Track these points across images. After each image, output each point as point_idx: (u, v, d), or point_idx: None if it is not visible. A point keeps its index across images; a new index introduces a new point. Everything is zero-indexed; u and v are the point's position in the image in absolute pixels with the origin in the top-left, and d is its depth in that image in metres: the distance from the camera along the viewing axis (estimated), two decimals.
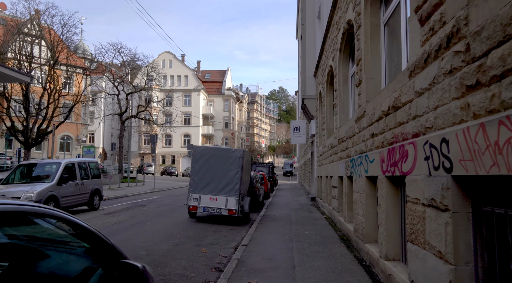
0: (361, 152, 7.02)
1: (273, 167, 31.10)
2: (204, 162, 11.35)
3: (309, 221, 11.44)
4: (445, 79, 3.21)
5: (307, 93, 18.63)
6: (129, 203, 16.16)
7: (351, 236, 7.99)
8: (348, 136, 8.55)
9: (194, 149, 11.55)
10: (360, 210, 6.89)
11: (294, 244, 7.99)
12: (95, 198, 13.48)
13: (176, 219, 11.70)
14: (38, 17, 27.69)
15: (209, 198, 11.20)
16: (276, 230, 9.89)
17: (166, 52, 63.92)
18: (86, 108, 45.10)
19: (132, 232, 9.29)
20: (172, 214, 12.99)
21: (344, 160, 9.07)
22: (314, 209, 14.97)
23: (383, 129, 5.40)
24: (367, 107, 6.60)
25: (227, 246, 8.19)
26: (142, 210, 13.87)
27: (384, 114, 5.32)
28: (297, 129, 24.65)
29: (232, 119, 70.21)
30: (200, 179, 11.31)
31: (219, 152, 11.42)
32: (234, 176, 11.15)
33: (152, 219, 11.63)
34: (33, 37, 26.97)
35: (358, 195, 7.15)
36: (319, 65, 16.12)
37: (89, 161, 13.75)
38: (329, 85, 13.56)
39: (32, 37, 27.00)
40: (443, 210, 3.13)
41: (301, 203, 17.82)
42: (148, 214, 12.64)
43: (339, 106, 10.35)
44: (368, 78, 6.73)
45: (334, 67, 11.13)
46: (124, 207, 14.55)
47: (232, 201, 11.06)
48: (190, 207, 11.27)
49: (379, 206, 5.49)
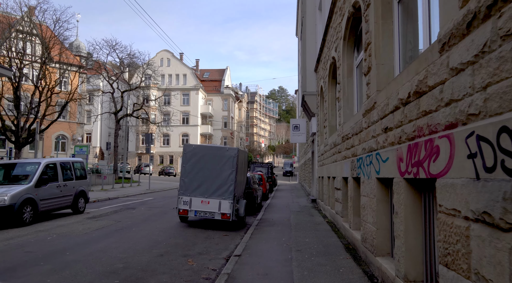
0: (370, 150, 6.09)
1: (272, 167, 30.15)
2: (196, 161, 10.42)
3: (310, 226, 10.51)
4: (505, 44, 2.28)
5: (307, 89, 17.69)
6: (118, 206, 15.23)
7: (358, 246, 7.05)
8: (354, 132, 7.63)
9: (185, 148, 10.61)
10: (370, 217, 5.96)
11: (293, 254, 7.06)
12: (79, 201, 12.54)
13: (165, 224, 10.77)
14: (32, 14, 26.79)
15: (200, 201, 10.27)
16: (274, 236, 8.96)
17: (164, 50, 62.94)
18: (82, 107, 44.20)
19: (113, 239, 8.35)
20: (162, 218, 12.05)
21: (349, 159, 8.14)
22: (315, 212, 14.04)
23: (400, 122, 4.47)
24: (378, 97, 5.67)
25: (218, 256, 7.26)
26: (130, 213, 12.93)
27: (401, 103, 4.39)
28: (297, 127, 23.71)
29: (231, 118, 69.24)
30: (191, 180, 10.38)
31: (212, 151, 10.49)
32: (228, 177, 10.22)
33: (139, 224, 10.69)
34: (24, 34, 26.02)
35: (367, 199, 6.22)
36: (320, 59, 15.19)
37: (74, 160, 12.80)
38: (331, 79, 12.62)
39: (23, 34, 26.04)
40: (505, 230, 2.19)
41: (301, 205, 16.89)
42: (136, 218, 11.71)
43: (343, 100, 9.43)
44: (379, 64, 5.80)
45: (337, 58, 10.21)
46: (112, 210, 13.61)
47: (225, 204, 10.13)
48: (180, 211, 10.34)
49: (395, 215, 4.56)
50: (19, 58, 25.02)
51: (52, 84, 27.54)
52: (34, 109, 26.80)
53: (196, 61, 70.72)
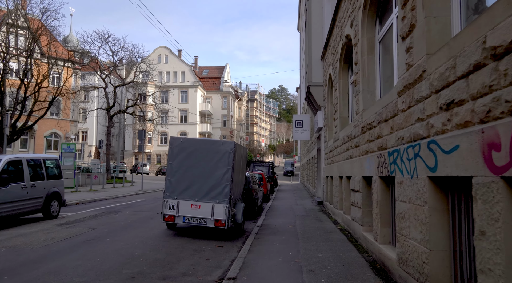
0: (414, 138, 4.40)
1: (273, 167, 28.44)
2: (184, 158, 8.73)
3: (320, 235, 8.82)
4: None
5: (313, 80, 16.00)
6: (101, 209, 13.53)
7: (391, 267, 5.35)
8: (382, 119, 5.94)
9: (171, 141, 8.91)
10: (415, 231, 4.27)
11: (305, 278, 5.36)
12: (52, 204, 10.84)
13: (148, 232, 9.07)
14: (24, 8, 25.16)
15: (190, 205, 8.58)
16: (278, 249, 7.27)
17: (162, 46, 61.23)
18: (76, 104, 42.53)
19: (76, 255, 6.65)
20: (146, 224, 10.36)
21: (374, 154, 6.45)
22: (324, 217, 12.35)
23: (488, 87, 2.79)
24: (429, 63, 3.99)
25: (207, 279, 5.58)
26: (111, 218, 11.23)
27: (493, 55, 2.71)
28: (300, 124, 22.03)
29: (230, 117, 67.47)
30: (178, 181, 8.69)
31: (204, 145, 8.80)
32: (223, 176, 8.53)
33: (116, 232, 8.99)
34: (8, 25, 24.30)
35: (408, 206, 4.53)
36: (328, 44, 13.50)
37: (46, 157, 11.09)
38: (342, 63, 10.94)
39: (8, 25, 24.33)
40: None
41: (307, 208, 15.19)
42: (116, 225, 10.01)
43: (362, 83, 7.74)
44: (430, 17, 4.12)
45: (354, 34, 8.52)
46: (91, 214, 11.91)
47: (220, 209, 8.44)
48: (165, 217, 8.65)
49: (480, 236, 2.86)
50: (4, 51, 23.31)
51: (40, 78, 25.91)
52: (19, 104, 25.15)
53: (195, 58, 68.84)
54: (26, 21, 24.67)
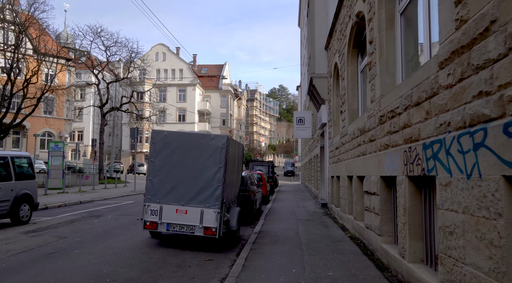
0: (474, 121, 3.09)
1: (273, 166, 27.09)
2: (169, 155, 7.43)
3: (328, 245, 7.51)
4: None
5: (316, 71, 14.68)
6: (82, 212, 12.21)
7: None
8: (412, 103, 4.64)
9: (153, 135, 7.60)
10: (478, 255, 2.96)
11: None
12: (22, 208, 9.53)
13: (126, 242, 7.76)
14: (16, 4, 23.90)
15: (175, 210, 7.27)
16: (279, 265, 5.97)
17: (160, 44, 59.91)
18: (70, 102, 41.23)
19: (26, 274, 5.33)
20: (127, 231, 9.04)
21: (399, 148, 5.15)
22: (330, 221, 11.04)
23: None
24: (506, 5, 2.69)
25: None
26: (89, 224, 9.92)
27: None
28: (301, 121, 20.70)
29: (230, 116, 66.08)
30: (161, 181, 7.39)
31: (191, 140, 7.49)
32: (214, 176, 7.22)
33: (89, 242, 7.67)
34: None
35: (465, 218, 3.22)
36: (334, 30, 12.20)
37: (15, 155, 9.77)
38: (352, 48, 9.65)
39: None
40: None
41: (310, 211, 13.88)
42: (91, 232, 8.69)
43: (380, 65, 6.44)
44: None
45: (368, 8, 7.22)
46: (69, 219, 10.60)
47: (210, 214, 7.14)
48: (146, 224, 7.33)
49: None
50: None
51: (30, 74, 24.65)
52: (6, 101, 23.87)
53: (194, 56, 67.60)
54: (13, 13, 23.41)
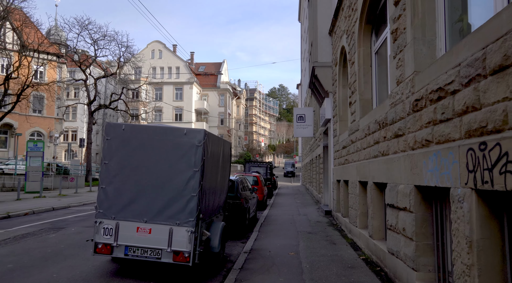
0: None
1: (271, 167, 25.27)
2: (127, 155, 5.63)
3: (338, 275, 5.69)
4: None
5: (319, 59, 12.88)
6: (43, 223, 10.39)
7: None
8: (481, 72, 2.84)
9: (108, 130, 5.77)
10: None
11: None
12: None
13: (71, 270, 5.92)
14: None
15: (135, 228, 5.46)
16: None
17: (156, 41, 58.10)
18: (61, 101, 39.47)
19: None
20: (81, 251, 7.21)
21: (454, 144, 3.33)
22: (336, 235, 9.23)
23: None
24: None
25: None
26: (41, 241, 8.09)
27: None
28: (302, 118, 18.95)
29: (228, 115, 64.21)
30: (118, 190, 5.58)
31: (158, 136, 5.67)
32: (187, 184, 5.42)
33: (23, 270, 5.84)
34: None
35: None
36: (340, 8, 10.40)
37: None
38: (364, 24, 7.88)
39: None
40: None
41: (312, 220, 12.07)
42: (35, 254, 6.86)
43: (413, 29, 4.64)
44: None
45: None
46: (20, 234, 8.79)
47: (181, 234, 5.33)
48: (97, 247, 5.53)
49: None
50: None
51: (12, 68, 22.93)
52: None
53: (191, 54, 65.54)
54: None
